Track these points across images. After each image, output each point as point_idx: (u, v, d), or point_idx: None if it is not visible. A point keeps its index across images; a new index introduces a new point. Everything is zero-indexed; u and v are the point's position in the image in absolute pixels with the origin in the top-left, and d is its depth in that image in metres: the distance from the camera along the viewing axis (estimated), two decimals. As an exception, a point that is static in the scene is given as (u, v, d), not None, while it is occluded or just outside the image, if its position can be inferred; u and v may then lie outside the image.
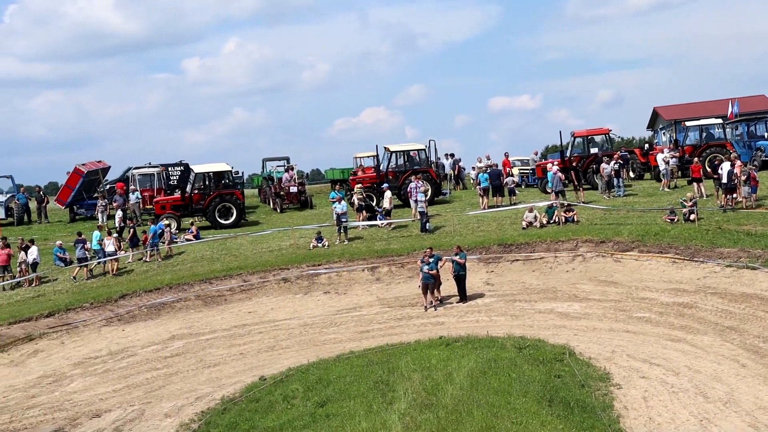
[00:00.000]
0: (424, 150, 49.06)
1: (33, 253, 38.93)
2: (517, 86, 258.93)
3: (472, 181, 55.12)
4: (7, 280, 38.90)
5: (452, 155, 56.50)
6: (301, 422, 19.19)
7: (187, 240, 42.93)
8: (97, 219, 49.72)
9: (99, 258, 39.30)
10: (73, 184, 52.63)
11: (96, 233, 40.39)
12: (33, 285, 38.24)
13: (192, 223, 44.60)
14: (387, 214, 43.42)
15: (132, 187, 50.92)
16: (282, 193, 53.09)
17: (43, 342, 31.38)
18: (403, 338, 26.67)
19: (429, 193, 46.12)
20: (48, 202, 54.93)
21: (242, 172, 61.67)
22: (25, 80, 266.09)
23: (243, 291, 35.31)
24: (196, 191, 47.05)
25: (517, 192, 46.73)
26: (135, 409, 23.69)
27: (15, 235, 45.17)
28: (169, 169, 53.87)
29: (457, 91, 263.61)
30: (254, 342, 29.60)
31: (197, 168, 48.08)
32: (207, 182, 47.31)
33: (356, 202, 44.12)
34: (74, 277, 38.65)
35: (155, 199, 48.19)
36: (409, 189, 43.74)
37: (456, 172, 56.03)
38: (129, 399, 24.78)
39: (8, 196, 53.78)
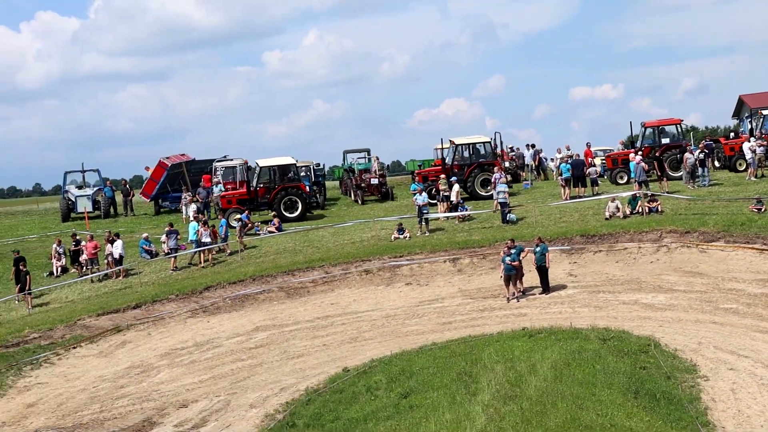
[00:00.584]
0: (490, 142, 48.69)
1: (118, 247, 39.54)
2: (599, 76, 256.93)
3: (553, 172, 54.73)
4: (95, 272, 39.59)
5: (533, 146, 56.15)
6: (385, 413, 19.25)
7: (270, 232, 43.30)
8: (181, 212, 50.34)
9: (195, 248, 39.71)
10: (157, 177, 53.35)
11: (193, 224, 40.87)
12: (120, 277, 38.88)
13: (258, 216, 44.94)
14: (454, 208, 43.21)
15: (215, 179, 51.45)
16: (363, 184, 53.23)
17: (131, 333, 31.91)
18: (486, 329, 26.60)
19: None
20: (133, 195, 55.77)
21: (323, 164, 61.99)
22: (111, 75, 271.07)
23: (325, 282, 35.50)
24: (261, 185, 47.27)
25: (599, 182, 46.24)
26: (221, 400, 23.99)
27: (102, 227, 45.99)
28: (213, 163, 54.85)
29: (537, 82, 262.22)
30: (337, 333, 29.76)
31: (262, 162, 48.37)
32: (272, 176, 47.53)
33: (440, 193, 43.96)
34: (176, 268, 39.16)
35: (222, 194, 48.54)
36: (493, 180, 43.54)
37: (537, 163, 55.66)
38: (215, 390, 25.10)
39: (95, 189, 54.71)
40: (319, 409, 21.07)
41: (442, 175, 45.82)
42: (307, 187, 49.56)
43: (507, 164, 51.51)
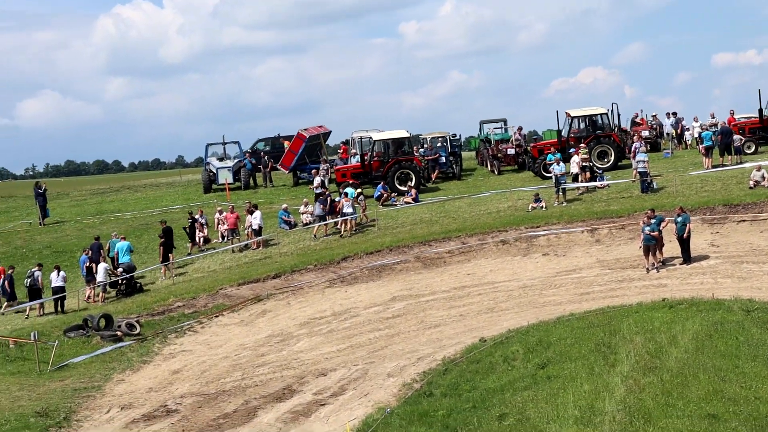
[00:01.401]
0: (607, 114, 47.58)
1: (257, 218, 40.21)
2: (743, 41, 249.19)
3: (695, 140, 53.42)
4: (236, 243, 40.40)
5: (674, 114, 54.85)
6: (522, 384, 19.18)
7: (407, 203, 43.47)
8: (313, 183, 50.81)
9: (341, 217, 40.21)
10: (296, 149, 53.97)
11: (350, 190, 41.37)
12: (259, 248, 39.58)
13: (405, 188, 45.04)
14: (575, 179, 42.49)
15: (353, 150, 51.81)
16: (500, 155, 52.92)
17: (271, 302, 32.50)
18: (625, 300, 26.20)
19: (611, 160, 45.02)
20: (272, 167, 56.59)
21: (459, 135, 61.75)
22: (250, 48, 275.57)
23: (462, 253, 35.49)
24: (376, 159, 47.31)
25: (745, 150, 44.91)
26: (358, 369, 24.23)
27: (242, 199, 46.83)
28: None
29: (678, 48, 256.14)
30: (473, 304, 29.75)
31: (376, 136, 48.54)
32: (386, 149, 47.55)
33: (579, 162, 43.25)
34: (315, 236, 39.77)
35: (336, 167, 48.77)
36: (633, 149, 42.72)
37: (678, 132, 54.38)
38: (353, 359, 25.38)
39: (236, 161, 55.73)
40: (456, 379, 21.11)
41: (582, 146, 44.95)
42: (443, 158, 49.52)
43: (646, 133, 50.44)
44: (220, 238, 41.42)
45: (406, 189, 45.34)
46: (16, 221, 49.44)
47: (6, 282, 35.90)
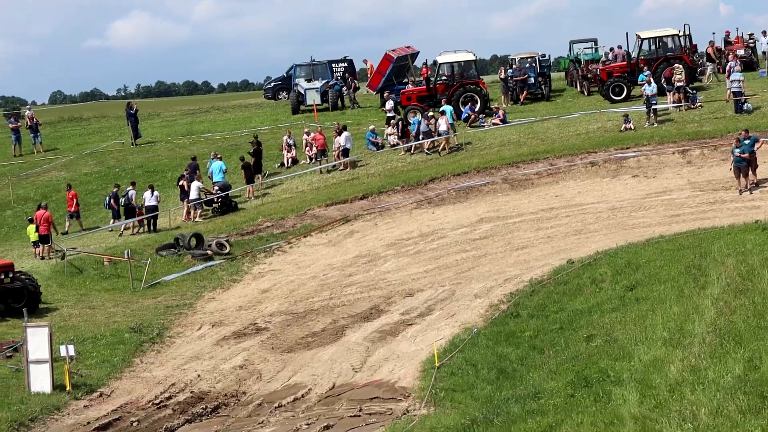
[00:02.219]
0: (678, 35, 46.23)
1: (343, 139, 40.26)
2: None
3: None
4: (324, 164, 40.58)
5: (770, 32, 53.29)
6: (610, 305, 19.09)
7: (494, 124, 43.15)
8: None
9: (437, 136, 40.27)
10: (383, 70, 53.69)
11: (448, 108, 41.29)
12: (347, 168, 39.71)
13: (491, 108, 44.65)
14: (686, 98, 41.43)
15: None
16: (589, 75, 52.05)
17: (358, 223, 32.70)
18: (716, 222, 25.81)
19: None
20: (358, 89, 56.42)
21: (549, 56, 60.82)
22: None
23: (550, 175, 35.21)
24: (440, 82, 46.71)
25: None
26: (445, 290, 24.34)
27: (330, 120, 46.86)
28: (332, 65, 55.01)
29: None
30: (561, 225, 29.59)
31: (441, 58, 47.78)
32: (451, 72, 46.89)
33: (675, 82, 42.20)
34: (427, 150, 39.97)
35: (402, 90, 48.29)
36: (727, 68, 41.66)
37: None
38: (439, 279, 25.49)
39: (323, 82, 55.68)
40: (543, 300, 21.10)
41: (676, 65, 43.81)
42: (532, 79, 48.82)
43: (741, 52, 49.10)
44: (308, 160, 41.63)
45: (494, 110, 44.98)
46: (109, 141, 50.17)
47: (112, 200, 36.48)
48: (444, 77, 46.72)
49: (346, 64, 57.16)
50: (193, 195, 36.46)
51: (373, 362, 20.40)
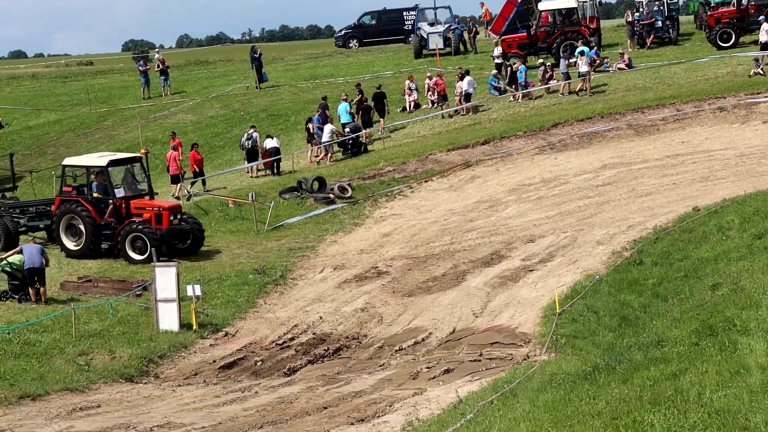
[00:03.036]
0: None
1: (466, 83, 40.01)
2: None
3: None
4: (446, 108, 40.46)
5: None
6: (737, 254, 18.70)
7: (620, 69, 42.38)
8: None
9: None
10: (507, 14, 53.12)
11: (586, 49, 40.86)
12: (469, 113, 39.54)
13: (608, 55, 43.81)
14: (764, 47, 39.89)
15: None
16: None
17: (480, 168, 32.62)
18: None
19: None
20: (478, 33, 55.93)
21: (677, -2, 59.35)
22: None
23: (676, 120, 34.51)
24: (542, 29, 45.66)
25: None
26: (567, 236, 24.21)
27: (453, 64, 46.63)
28: (404, 13, 54.02)
29: None
30: (687, 172, 29.05)
31: (542, 5, 46.66)
32: (554, 19, 45.78)
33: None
34: (562, 93, 39.84)
35: (503, 37, 47.36)
36: None
37: None
38: (561, 226, 25.34)
39: (446, 26, 55.33)
40: (667, 248, 20.81)
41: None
42: (659, 22, 47.63)
43: None
44: (430, 104, 41.53)
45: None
46: (234, 85, 50.79)
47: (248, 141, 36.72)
48: (546, 25, 45.83)
49: (416, 12, 56.85)
50: (325, 137, 36.60)
51: (494, 307, 20.47)
